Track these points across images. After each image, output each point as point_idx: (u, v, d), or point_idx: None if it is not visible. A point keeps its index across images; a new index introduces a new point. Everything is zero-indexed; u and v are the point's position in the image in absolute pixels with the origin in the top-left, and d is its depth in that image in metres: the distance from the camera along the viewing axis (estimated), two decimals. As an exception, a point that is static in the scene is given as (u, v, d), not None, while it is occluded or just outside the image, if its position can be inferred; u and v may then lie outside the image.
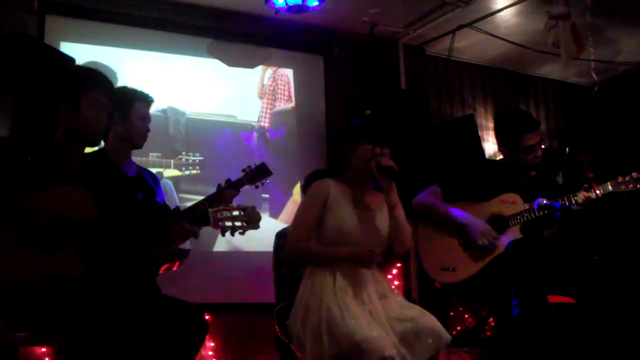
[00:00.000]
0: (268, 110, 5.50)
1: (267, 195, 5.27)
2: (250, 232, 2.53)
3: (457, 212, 3.35)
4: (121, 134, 2.98)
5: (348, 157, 2.82)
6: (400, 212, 2.79)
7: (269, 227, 4.27)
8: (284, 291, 3.78)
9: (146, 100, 3.08)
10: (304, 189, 4.03)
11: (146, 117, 3.06)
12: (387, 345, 2.39)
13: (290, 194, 5.39)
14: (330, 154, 5.35)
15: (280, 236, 3.98)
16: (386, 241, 2.82)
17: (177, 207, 2.99)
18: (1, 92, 4.08)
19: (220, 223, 2.46)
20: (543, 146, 3.39)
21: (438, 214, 3.40)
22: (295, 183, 5.38)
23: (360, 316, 2.52)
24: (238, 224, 2.48)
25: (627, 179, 3.17)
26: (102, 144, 2.98)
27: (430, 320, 2.59)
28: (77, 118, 2.55)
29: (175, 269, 3.10)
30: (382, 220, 2.83)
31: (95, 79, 2.66)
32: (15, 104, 4.11)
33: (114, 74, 4.71)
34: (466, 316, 5.07)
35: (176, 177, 5.01)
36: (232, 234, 2.48)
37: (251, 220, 2.51)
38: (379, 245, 2.76)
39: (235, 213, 2.48)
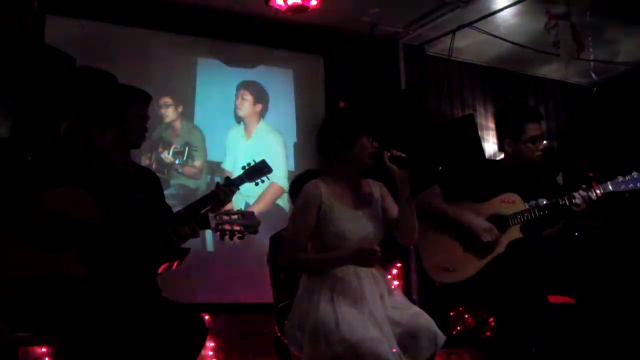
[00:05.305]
0: (268, 111, 5.50)
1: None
2: (250, 232, 2.55)
3: (458, 212, 3.35)
4: (119, 134, 2.92)
5: (344, 148, 2.72)
6: (414, 205, 2.72)
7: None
8: (283, 295, 3.69)
9: (144, 99, 3.04)
10: (291, 193, 3.90)
11: (144, 117, 3.02)
12: (383, 347, 2.36)
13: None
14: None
15: (274, 240, 3.86)
16: (383, 233, 2.77)
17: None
18: (1, 93, 4.08)
19: (220, 227, 2.50)
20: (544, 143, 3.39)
21: (438, 214, 3.40)
22: (296, 183, 5.38)
23: (357, 319, 2.48)
24: (237, 228, 2.51)
25: (627, 178, 3.17)
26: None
27: (425, 321, 2.55)
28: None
29: (174, 268, 3.10)
30: (378, 212, 2.77)
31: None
32: (15, 104, 4.11)
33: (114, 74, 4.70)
34: (466, 316, 5.07)
35: (176, 177, 5.01)
36: (231, 239, 2.51)
37: (250, 225, 2.54)
38: (379, 239, 2.70)
39: (235, 217, 2.51)
